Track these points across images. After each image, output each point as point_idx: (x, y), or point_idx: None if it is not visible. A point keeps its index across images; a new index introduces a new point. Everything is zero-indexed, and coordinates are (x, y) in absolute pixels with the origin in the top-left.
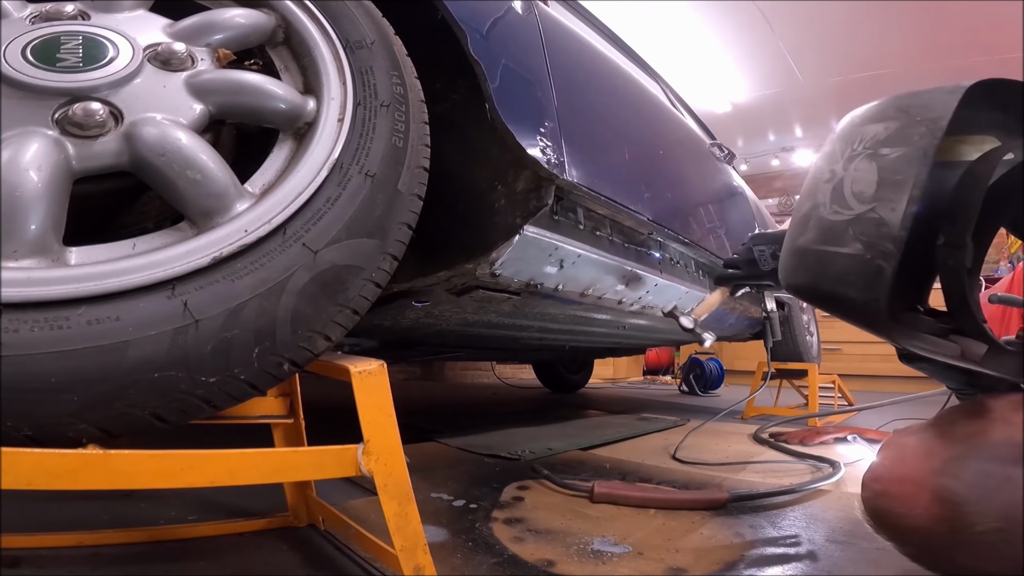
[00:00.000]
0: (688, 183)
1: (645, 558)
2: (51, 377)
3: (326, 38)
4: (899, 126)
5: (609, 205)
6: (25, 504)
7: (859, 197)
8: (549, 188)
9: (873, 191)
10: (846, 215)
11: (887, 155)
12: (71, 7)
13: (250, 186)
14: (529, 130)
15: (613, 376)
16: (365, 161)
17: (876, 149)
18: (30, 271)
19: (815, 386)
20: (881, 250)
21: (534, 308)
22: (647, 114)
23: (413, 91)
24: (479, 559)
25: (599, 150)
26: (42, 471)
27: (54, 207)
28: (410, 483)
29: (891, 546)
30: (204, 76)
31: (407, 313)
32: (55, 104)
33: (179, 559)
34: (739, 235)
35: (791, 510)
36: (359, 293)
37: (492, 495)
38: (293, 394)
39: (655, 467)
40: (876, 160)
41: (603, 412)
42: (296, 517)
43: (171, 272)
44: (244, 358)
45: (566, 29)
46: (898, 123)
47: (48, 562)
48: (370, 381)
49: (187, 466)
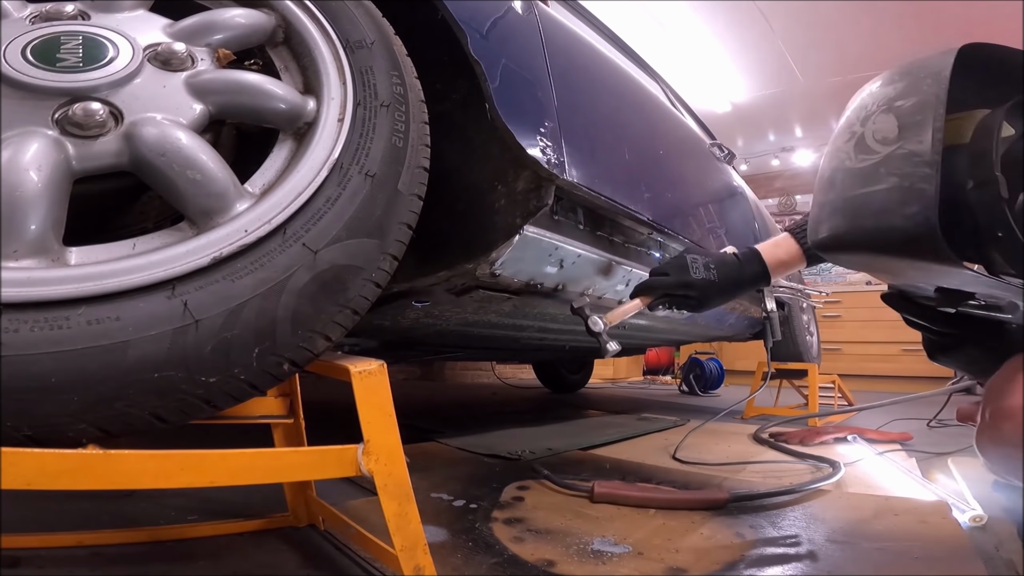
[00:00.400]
0: (688, 183)
1: (645, 558)
2: (51, 377)
3: (326, 38)
4: (907, 82)
5: (609, 205)
6: (25, 504)
7: (883, 141)
8: (549, 188)
9: (896, 133)
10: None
11: (902, 105)
12: (71, 7)
13: (250, 186)
14: (529, 130)
15: (613, 376)
16: (365, 161)
17: (890, 104)
18: (30, 271)
19: (815, 386)
20: (919, 175)
21: (534, 308)
22: (647, 114)
23: (413, 91)
24: (479, 559)
25: (599, 150)
26: (42, 471)
27: (54, 207)
28: (410, 483)
29: (891, 546)
30: (204, 76)
31: (407, 313)
32: (55, 104)
33: (179, 559)
34: (739, 235)
35: (791, 510)
36: (359, 293)
37: (492, 495)
38: (293, 394)
39: (655, 467)
40: (893, 112)
41: (603, 412)
42: (296, 517)
43: (171, 272)
44: (244, 358)
45: (566, 29)
46: (905, 81)
47: (48, 562)
48: (370, 381)
49: (187, 466)
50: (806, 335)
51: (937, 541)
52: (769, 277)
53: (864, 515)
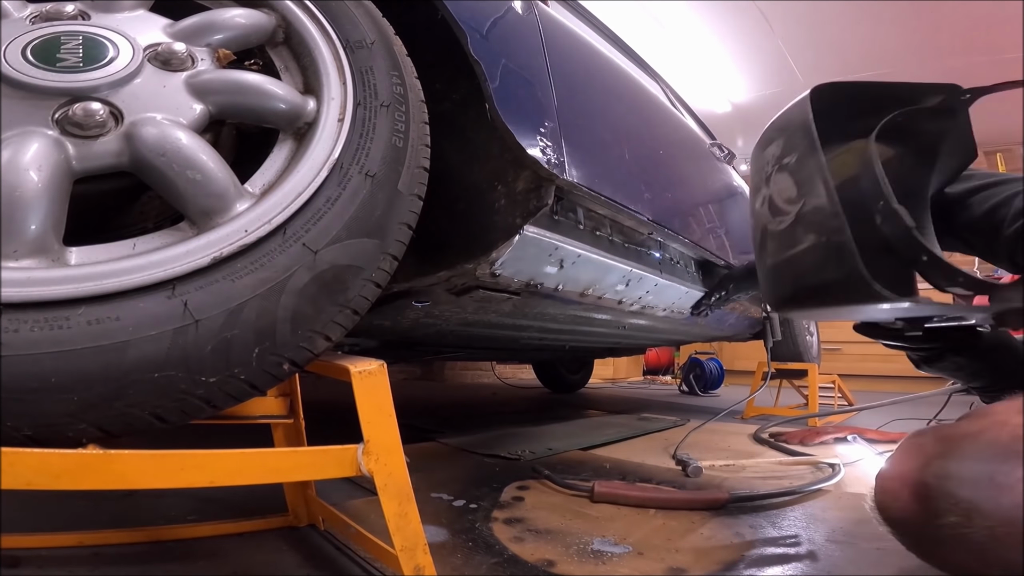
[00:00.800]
0: (688, 183)
1: (645, 558)
2: (51, 377)
3: (326, 38)
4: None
5: (609, 205)
6: (25, 504)
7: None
8: (549, 188)
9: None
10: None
11: (789, 162)
12: (71, 7)
13: (250, 186)
14: (529, 130)
15: (613, 376)
16: (365, 161)
17: (779, 162)
18: (30, 271)
19: (815, 386)
20: (830, 227)
21: (534, 308)
22: (647, 114)
23: (413, 91)
24: (479, 559)
25: (599, 150)
26: (42, 471)
27: (54, 207)
28: (410, 483)
29: (890, 546)
30: (204, 76)
31: (407, 313)
32: (55, 104)
33: (179, 559)
34: (740, 235)
35: (791, 510)
36: (359, 293)
37: (492, 495)
38: (293, 394)
39: (655, 467)
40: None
41: (603, 412)
42: (296, 517)
43: (171, 272)
44: (244, 358)
45: (566, 29)
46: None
47: (48, 562)
48: (370, 381)
49: (187, 466)
50: (806, 335)
51: None
52: None
53: (864, 515)
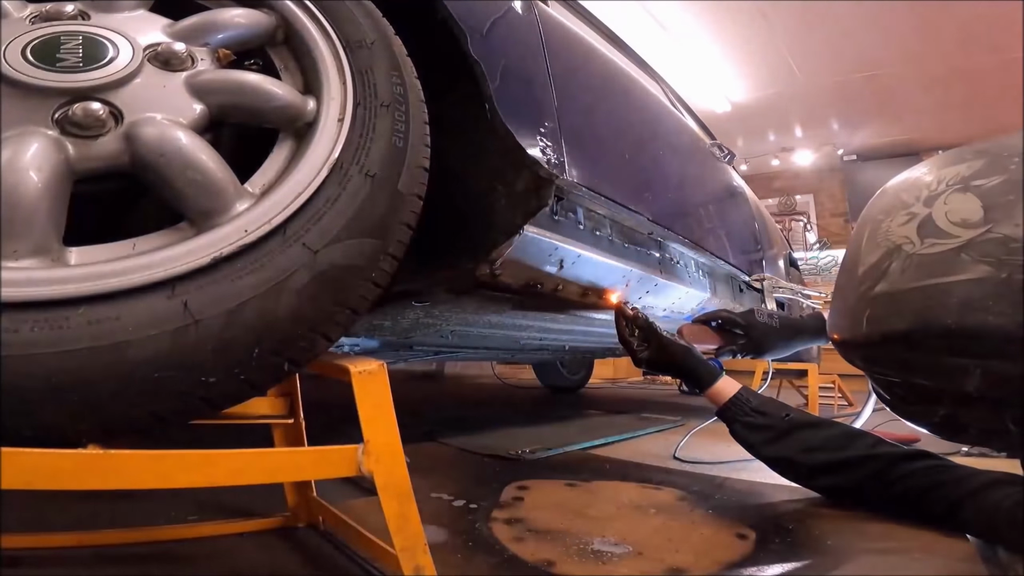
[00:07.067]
0: (688, 183)
1: (645, 558)
2: (51, 377)
3: (326, 38)
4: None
5: (609, 205)
6: (25, 504)
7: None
8: (549, 188)
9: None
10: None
11: (983, 184)
12: (71, 7)
13: (250, 186)
14: (529, 130)
15: (613, 376)
16: (365, 161)
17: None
18: (30, 271)
19: (815, 386)
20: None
21: (534, 308)
22: (647, 114)
23: (413, 91)
24: (479, 559)
25: (599, 150)
26: (42, 471)
27: (54, 207)
28: (410, 483)
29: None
30: (204, 76)
31: (407, 313)
32: (55, 104)
33: (179, 559)
34: (740, 235)
35: (791, 510)
36: (359, 293)
37: (492, 495)
38: (293, 394)
39: (655, 467)
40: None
41: (603, 412)
42: (296, 517)
43: (171, 272)
44: (244, 358)
45: (566, 29)
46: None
47: (48, 562)
48: (370, 381)
49: (187, 466)
50: None
51: (937, 541)
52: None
53: (865, 515)
